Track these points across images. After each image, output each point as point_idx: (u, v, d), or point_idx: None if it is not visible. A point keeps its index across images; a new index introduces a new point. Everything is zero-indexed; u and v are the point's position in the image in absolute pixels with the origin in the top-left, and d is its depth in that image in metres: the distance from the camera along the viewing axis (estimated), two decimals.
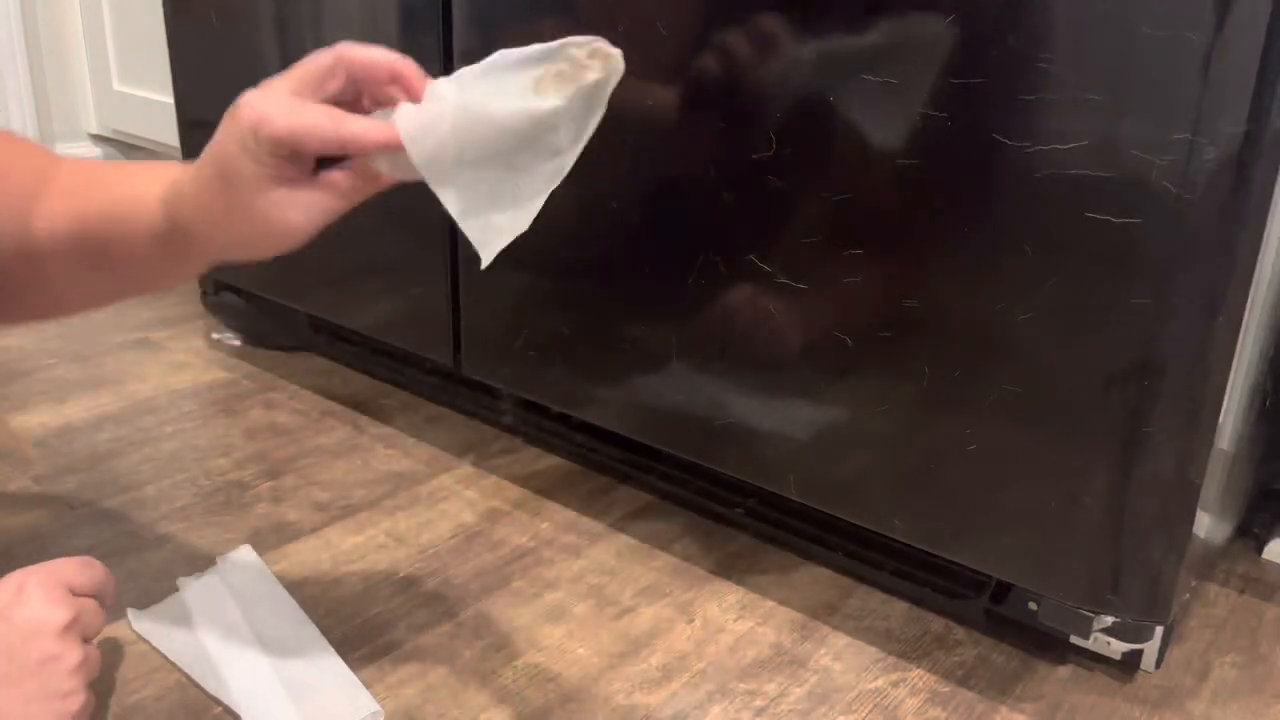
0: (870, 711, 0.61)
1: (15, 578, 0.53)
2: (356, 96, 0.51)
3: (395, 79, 0.50)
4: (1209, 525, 0.63)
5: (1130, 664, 0.65)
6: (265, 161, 0.48)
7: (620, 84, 0.48)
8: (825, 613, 0.69)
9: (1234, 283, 0.51)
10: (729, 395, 0.69)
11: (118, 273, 0.57)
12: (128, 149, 1.59)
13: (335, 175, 0.50)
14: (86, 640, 0.54)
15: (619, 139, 0.70)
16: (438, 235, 0.83)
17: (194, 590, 0.67)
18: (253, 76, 0.50)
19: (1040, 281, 0.55)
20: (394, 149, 0.49)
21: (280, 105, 0.48)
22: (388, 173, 0.51)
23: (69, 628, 0.52)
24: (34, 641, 0.50)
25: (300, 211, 0.50)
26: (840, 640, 0.67)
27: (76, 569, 0.55)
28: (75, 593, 0.54)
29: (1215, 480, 0.59)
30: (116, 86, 1.49)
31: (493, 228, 0.51)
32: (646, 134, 0.68)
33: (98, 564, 0.56)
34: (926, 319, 0.59)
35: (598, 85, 0.47)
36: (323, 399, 0.96)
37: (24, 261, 0.57)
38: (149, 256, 0.55)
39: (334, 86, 0.50)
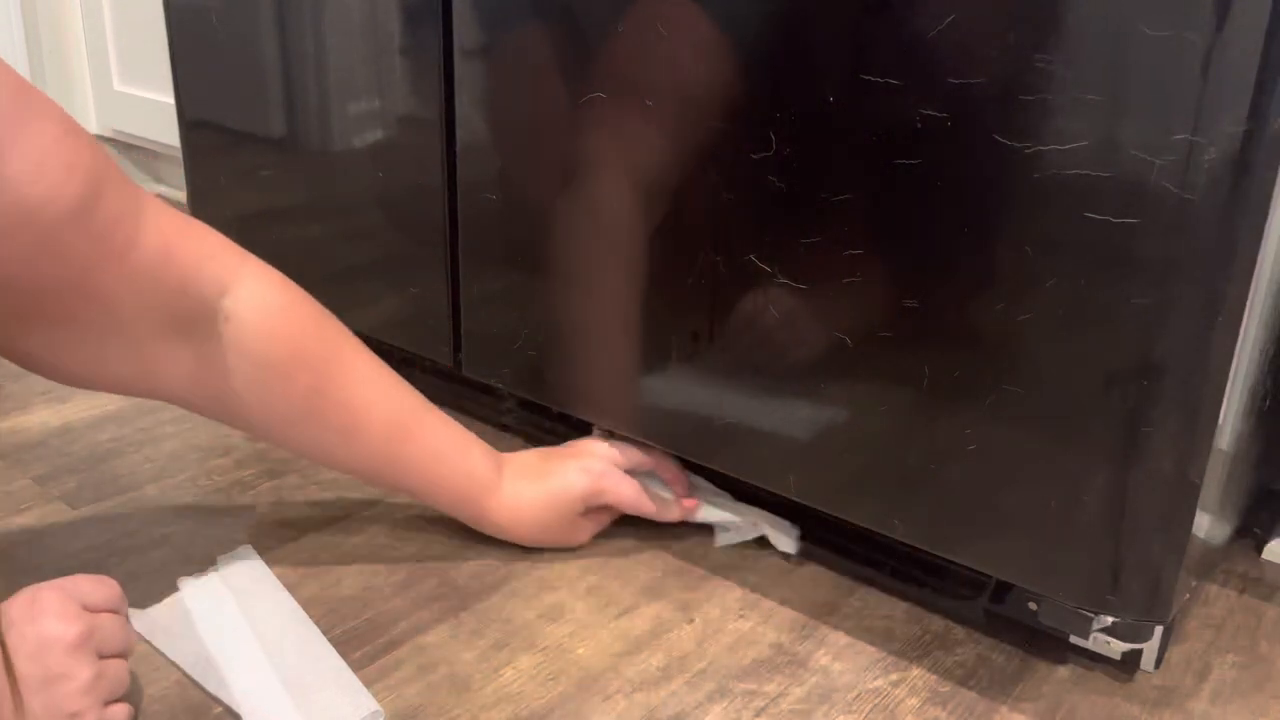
0: (870, 711, 0.61)
1: (28, 592, 0.52)
2: None
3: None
4: (1209, 525, 0.63)
5: (1130, 664, 0.65)
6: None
7: (620, 85, 0.48)
8: (825, 613, 0.69)
9: (1234, 283, 0.51)
10: (729, 395, 0.69)
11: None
12: (128, 149, 1.59)
13: (602, 515, 0.76)
14: (107, 656, 0.53)
15: (619, 139, 0.70)
16: (438, 235, 0.83)
17: (194, 590, 0.67)
18: (253, 76, 0.50)
19: (1040, 281, 0.55)
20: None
21: (627, 483, 0.74)
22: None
23: (81, 644, 0.51)
24: (43, 657, 0.49)
25: (587, 533, 0.75)
26: (840, 640, 0.67)
27: (91, 585, 0.54)
28: (90, 609, 0.53)
29: (1215, 480, 0.59)
30: (116, 86, 1.49)
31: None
32: (646, 134, 0.68)
33: (111, 581, 0.56)
34: (926, 319, 0.59)
35: None
36: None
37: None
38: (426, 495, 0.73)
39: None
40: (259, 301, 0.64)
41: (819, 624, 0.68)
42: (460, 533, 0.76)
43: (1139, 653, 0.65)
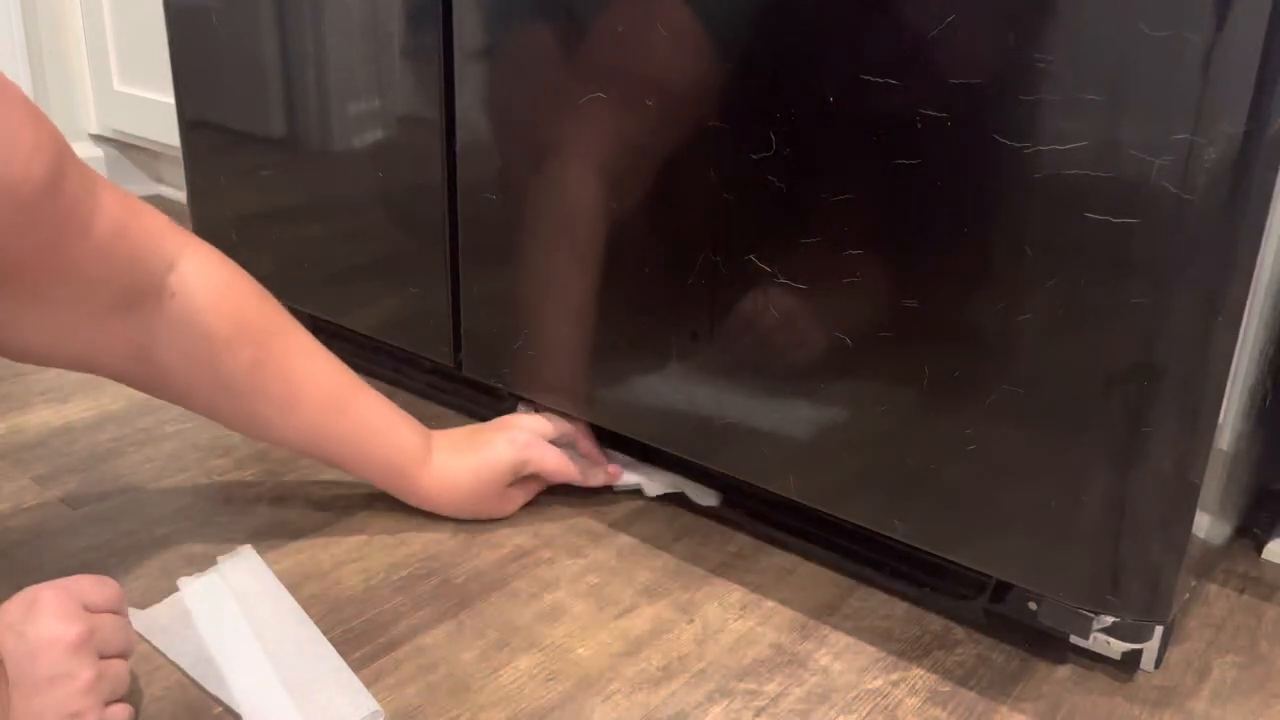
0: (870, 711, 0.61)
1: (29, 593, 0.52)
2: None
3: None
4: (1209, 525, 0.63)
5: (1130, 664, 0.65)
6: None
7: (621, 84, 0.48)
8: (825, 613, 0.69)
9: (1234, 283, 0.51)
10: (729, 395, 0.69)
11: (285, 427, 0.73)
12: (128, 149, 1.60)
13: (530, 486, 0.80)
14: (108, 656, 0.53)
15: (619, 139, 0.70)
16: (438, 235, 0.83)
17: (194, 590, 0.67)
18: (253, 76, 0.50)
19: (1040, 281, 0.55)
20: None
21: (552, 452, 0.78)
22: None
23: (81, 644, 0.51)
24: (44, 657, 0.49)
25: (515, 504, 0.78)
26: (840, 640, 0.67)
27: (92, 585, 0.54)
28: (90, 609, 0.53)
29: (1215, 480, 0.59)
30: (117, 86, 1.49)
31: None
32: (646, 134, 0.68)
33: (112, 582, 0.56)
34: (926, 319, 0.59)
35: None
36: None
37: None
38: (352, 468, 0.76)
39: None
40: (203, 277, 0.66)
41: (819, 624, 0.68)
42: (460, 533, 0.76)
43: (1139, 653, 0.65)
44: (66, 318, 0.63)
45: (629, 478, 0.81)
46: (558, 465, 0.78)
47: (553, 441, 0.79)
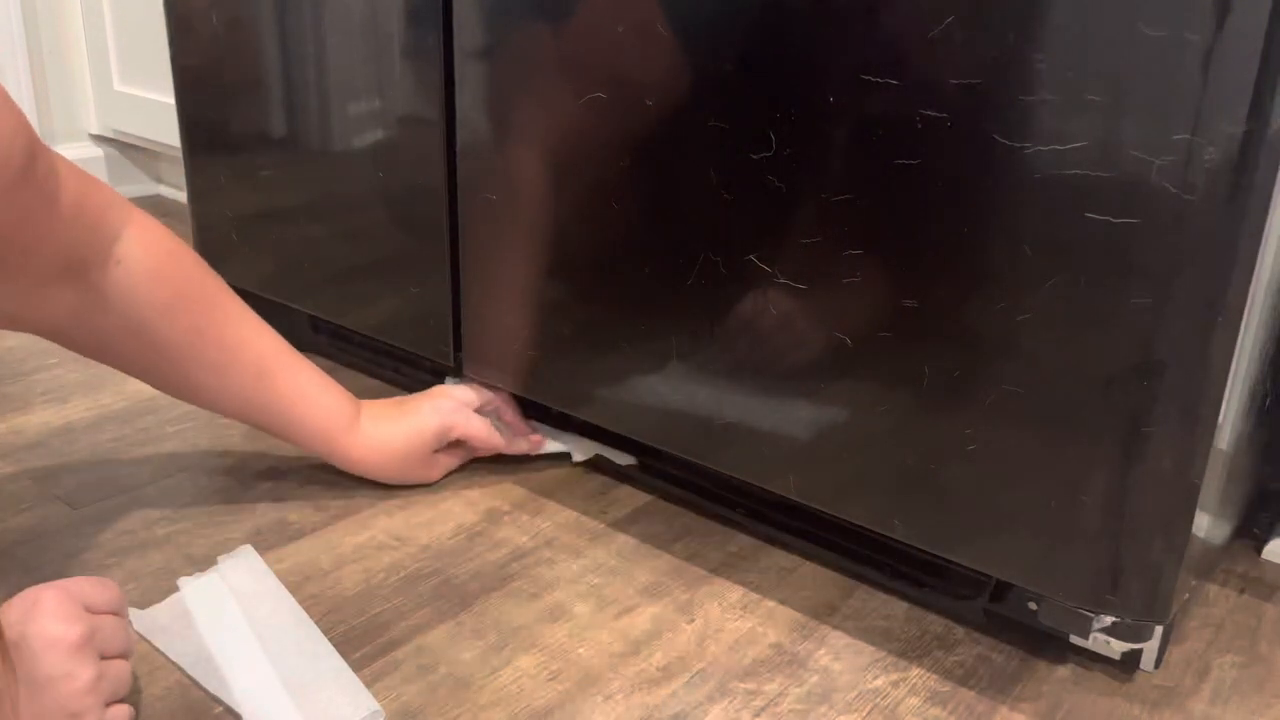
0: (870, 711, 0.61)
1: (30, 594, 0.52)
2: None
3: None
4: (1209, 525, 0.63)
5: (1130, 664, 0.65)
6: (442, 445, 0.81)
7: (621, 84, 0.48)
8: (825, 613, 0.70)
9: (1234, 283, 0.51)
10: (729, 395, 0.69)
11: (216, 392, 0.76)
12: (128, 149, 1.60)
13: (456, 452, 0.84)
14: (108, 657, 0.53)
15: (619, 139, 0.70)
16: (438, 235, 0.83)
17: (194, 590, 0.67)
18: (253, 76, 0.50)
19: (1040, 281, 0.55)
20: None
21: (477, 419, 0.82)
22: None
23: (82, 645, 0.51)
24: (45, 658, 0.49)
25: (441, 470, 0.82)
26: (840, 640, 0.67)
27: (92, 586, 0.55)
28: (91, 610, 0.53)
29: (1215, 480, 0.59)
30: (117, 86, 1.49)
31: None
32: (647, 134, 0.68)
33: (112, 583, 0.56)
34: (926, 319, 0.59)
35: None
36: None
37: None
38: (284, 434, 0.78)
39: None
40: (147, 247, 0.69)
41: (819, 624, 0.68)
42: (460, 533, 0.76)
43: (1139, 653, 0.65)
44: (17, 285, 0.64)
45: (551, 445, 0.85)
46: (481, 431, 0.82)
47: (478, 410, 0.83)
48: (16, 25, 1.44)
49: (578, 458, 0.85)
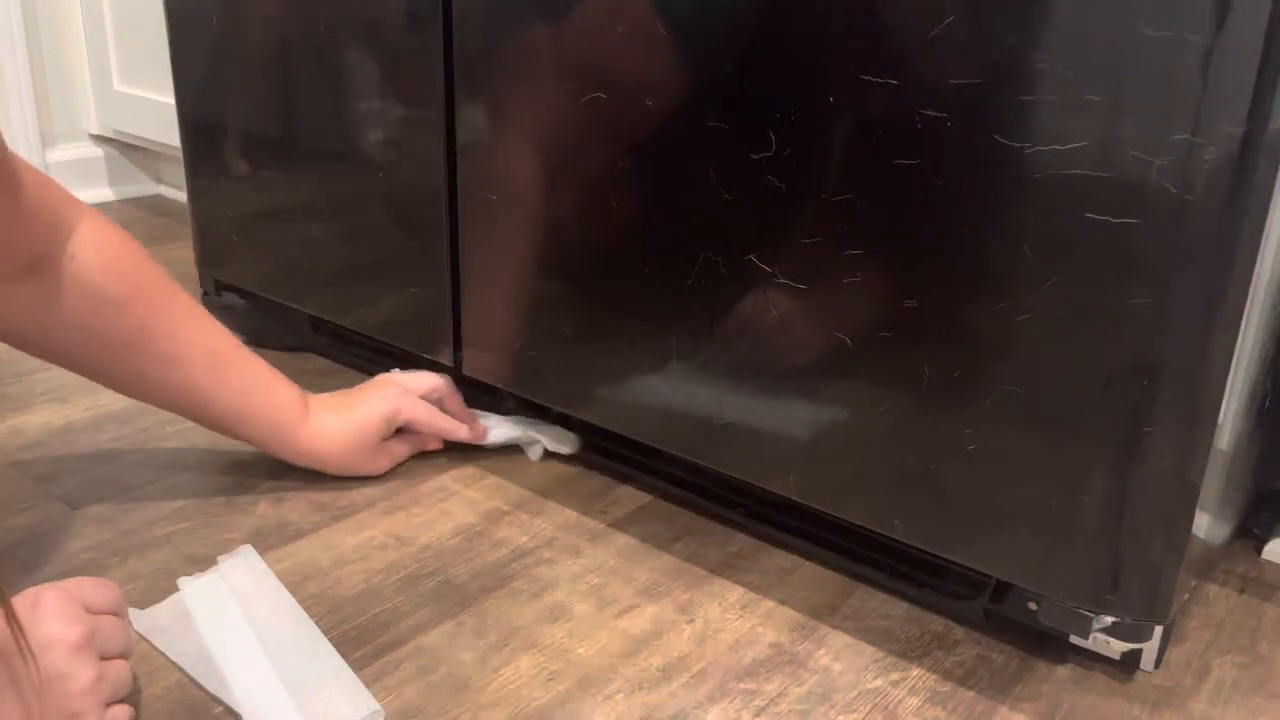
0: (870, 711, 0.61)
1: (30, 594, 0.52)
2: None
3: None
4: (1209, 525, 0.63)
5: (1130, 664, 0.65)
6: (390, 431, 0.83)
7: (621, 84, 0.48)
8: (825, 613, 0.70)
9: (1234, 283, 0.51)
10: (729, 395, 0.69)
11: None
12: (128, 149, 1.60)
13: (406, 440, 0.85)
14: (108, 658, 0.53)
15: (619, 139, 0.70)
16: (438, 235, 0.83)
17: (194, 590, 0.67)
18: (253, 76, 0.50)
19: (1040, 281, 0.55)
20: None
21: (423, 405, 0.83)
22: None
23: (83, 645, 0.51)
24: (45, 658, 0.49)
25: (390, 459, 0.84)
26: (840, 640, 0.67)
27: (93, 586, 0.55)
28: (91, 610, 0.53)
29: (1215, 480, 0.59)
30: (117, 86, 1.49)
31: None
32: (646, 134, 0.68)
33: (112, 584, 0.56)
34: (926, 319, 0.59)
35: None
36: None
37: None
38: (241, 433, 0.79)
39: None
40: (99, 243, 0.70)
41: (819, 624, 0.68)
42: (460, 533, 0.76)
43: (1139, 653, 0.65)
44: None
45: (496, 435, 0.87)
46: (427, 416, 0.83)
47: (424, 397, 0.84)
48: (16, 25, 1.44)
49: (533, 457, 0.87)
